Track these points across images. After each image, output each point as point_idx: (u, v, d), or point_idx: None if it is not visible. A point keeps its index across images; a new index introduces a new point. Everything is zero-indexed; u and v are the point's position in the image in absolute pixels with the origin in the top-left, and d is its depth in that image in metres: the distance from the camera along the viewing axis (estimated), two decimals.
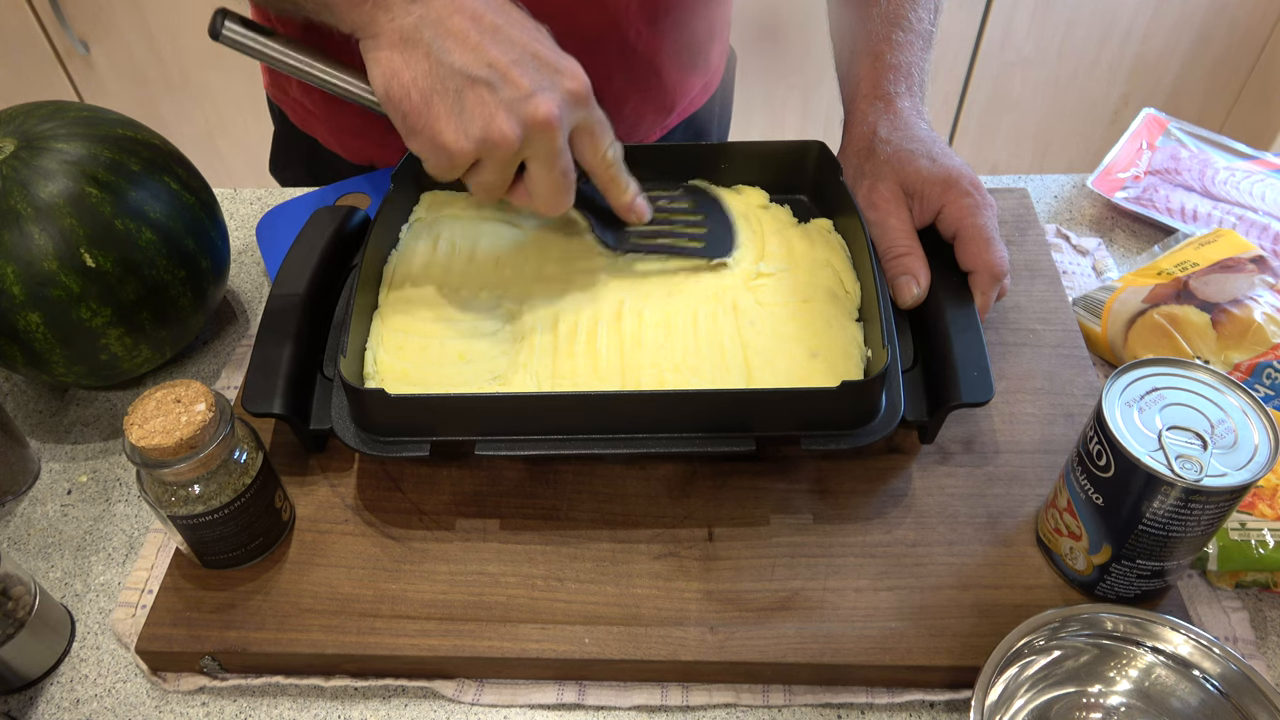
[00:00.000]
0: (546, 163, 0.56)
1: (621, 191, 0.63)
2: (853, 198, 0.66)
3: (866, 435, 0.57)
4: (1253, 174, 0.84)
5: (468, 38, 0.54)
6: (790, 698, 0.55)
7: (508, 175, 0.57)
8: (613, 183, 0.62)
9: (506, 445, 0.57)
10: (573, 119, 0.57)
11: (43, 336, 0.64)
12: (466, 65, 0.53)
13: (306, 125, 0.89)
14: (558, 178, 0.57)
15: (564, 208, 0.60)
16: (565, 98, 0.55)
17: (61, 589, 0.62)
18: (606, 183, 0.62)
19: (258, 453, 0.57)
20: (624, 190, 0.63)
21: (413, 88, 0.54)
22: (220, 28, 0.57)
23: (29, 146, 0.64)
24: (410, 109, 0.54)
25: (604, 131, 0.59)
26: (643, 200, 0.65)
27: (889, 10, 0.73)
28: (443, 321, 0.64)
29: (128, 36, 1.72)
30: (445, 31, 0.54)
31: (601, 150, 0.60)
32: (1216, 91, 1.82)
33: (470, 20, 0.54)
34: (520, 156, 0.56)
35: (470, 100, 0.54)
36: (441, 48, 0.53)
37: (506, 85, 0.54)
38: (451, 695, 0.56)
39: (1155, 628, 0.51)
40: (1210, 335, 0.65)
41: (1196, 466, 0.48)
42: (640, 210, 0.65)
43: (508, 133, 0.54)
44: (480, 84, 0.53)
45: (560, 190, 0.58)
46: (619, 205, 0.64)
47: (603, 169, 0.61)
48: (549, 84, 0.55)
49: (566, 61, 0.57)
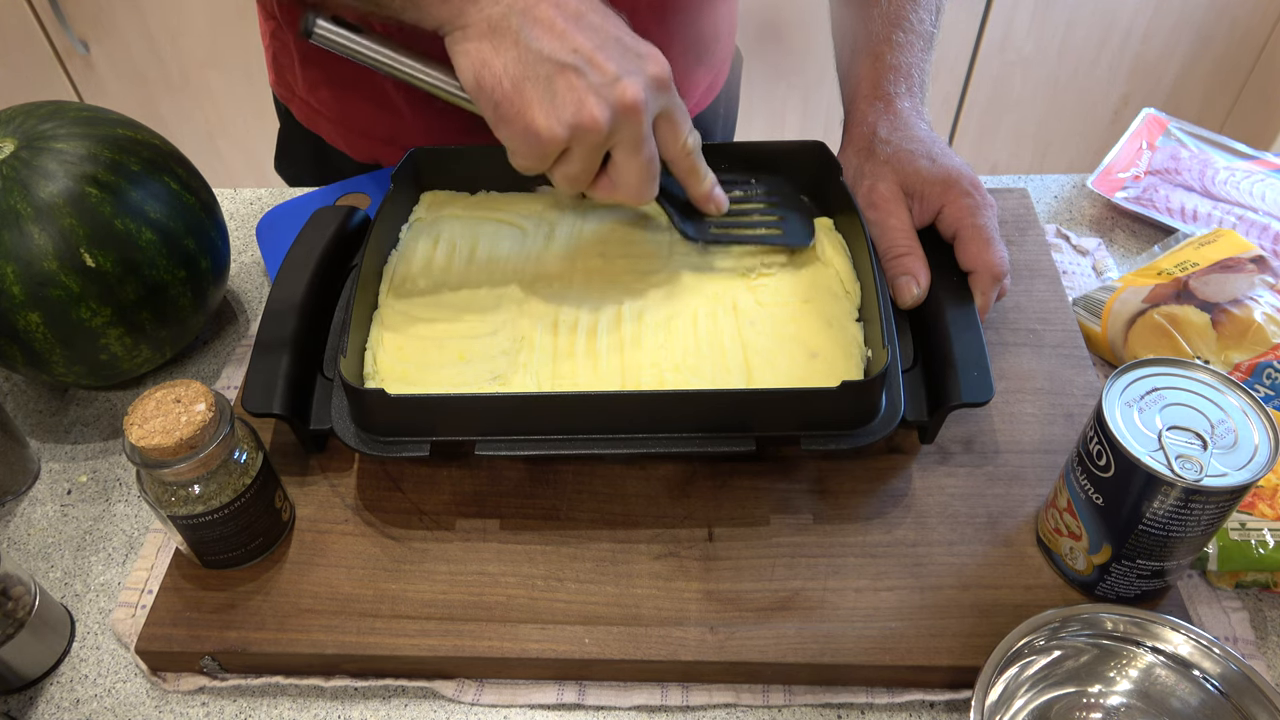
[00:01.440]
0: (633, 148, 0.56)
1: (700, 181, 0.63)
2: (853, 198, 0.66)
3: (866, 435, 0.57)
4: (1253, 174, 0.84)
5: (554, 24, 0.54)
6: (790, 698, 0.55)
7: (594, 164, 0.57)
8: (692, 172, 0.62)
9: (506, 445, 0.57)
10: (656, 104, 0.57)
11: (43, 336, 0.64)
12: (554, 51, 0.54)
13: (312, 123, 0.90)
14: (644, 163, 0.57)
15: (649, 196, 0.59)
16: (650, 82, 0.56)
17: (61, 589, 0.62)
18: (686, 172, 0.62)
19: (258, 453, 0.57)
20: (703, 180, 0.63)
21: (504, 75, 0.54)
22: (312, 25, 0.58)
23: (29, 146, 0.64)
24: (502, 97, 0.54)
25: (684, 119, 0.59)
26: (720, 191, 0.65)
27: (890, 11, 0.73)
28: (443, 321, 0.64)
29: (128, 36, 1.72)
30: (532, 19, 0.54)
31: (682, 138, 0.60)
32: (1216, 91, 1.82)
33: (555, 7, 0.55)
34: (608, 144, 0.56)
35: (560, 85, 0.54)
36: (530, 35, 0.54)
37: (594, 70, 0.54)
38: (451, 695, 0.56)
39: (1155, 628, 0.51)
40: (1210, 335, 0.65)
41: (1196, 466, 0.48)
42: (719, 200, 0.65)
43: (599, 116, 0.54)
44: (569, 69, 0.54)
45: (646, 177, 0.58)
46: (698, 195, 0.64)
47: (682, 157, 0.61)
48: (634, 68, 0.55)
49: (647, 47, 0.57)
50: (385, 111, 0.84)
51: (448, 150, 0.73)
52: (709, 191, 0.64)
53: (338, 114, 0.87)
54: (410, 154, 0.71)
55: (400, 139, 0.85)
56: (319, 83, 0.86)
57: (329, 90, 0.85)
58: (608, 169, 0.58)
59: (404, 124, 0.84)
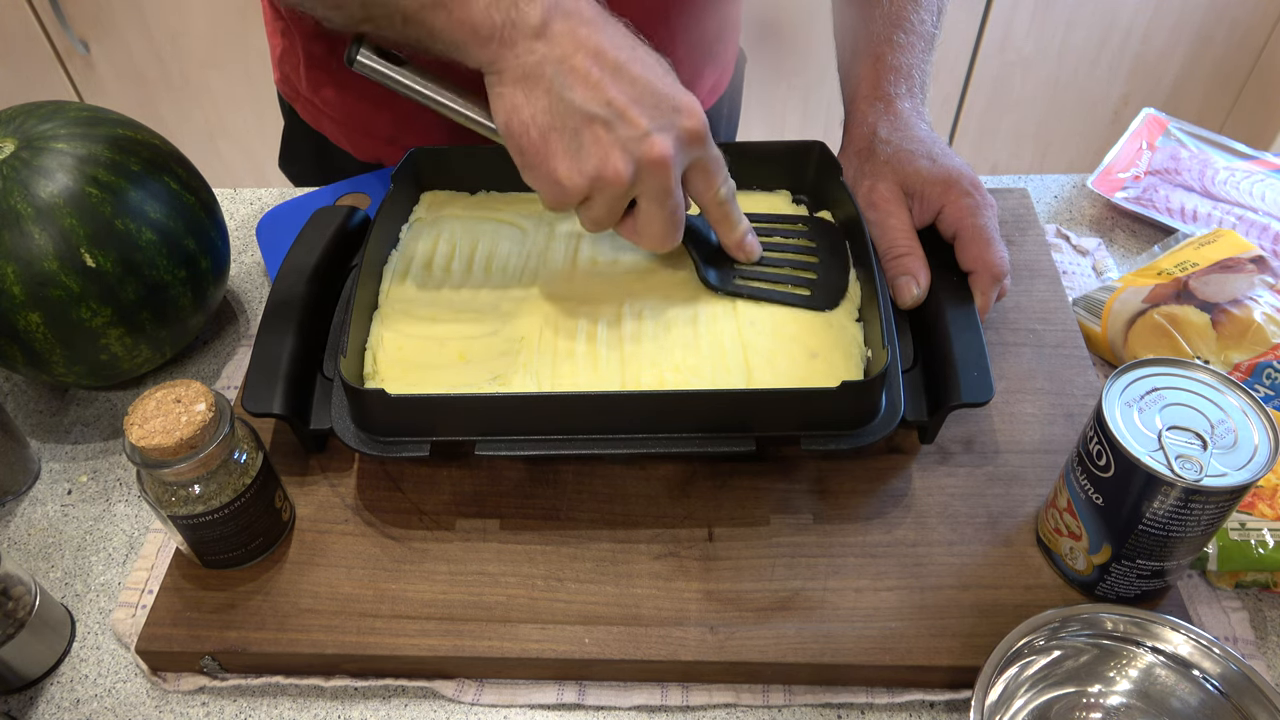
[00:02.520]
0: (657, 200, 0.57)
1: (732, 229, 0.63)
2: (853, 198, 0.66)
3: (866, 435, 0.57)
4: (1253, 174, 0.84)
5: (589, 75, 0.54)
6: (790, 698, 0.55)
7: (618, 211, 0.57)
8: (724, 220, 0.62)
9: (506, 445, 0.57)
10: (687, 158, 0.57)
11: (43, 336, 0.64)
12: (585, 103, 0.54)
13: (315, 122, 0.90)
14: (667, 215, 0.57)
15: (672, 245, 0.60)
16: (681, 135, 0.55)
17: (61, 589, 0.62)
18: (718, 219, 0.62)
19: (258, 453, 0.57)
20: (734, 227, 0.63)
21: (532, 124, 0.54)
22: (355, 55, 0.58)
23: (29, 146, 0.64)
24: (528, 144, 0.55)
25: (718, 169, 0.59)
26: (753, 238, 0.64)
27: (891, 12, 0.73)
28: (442, 321, 0.64)
29: (128, 36, 1.72)
30: (568, 69, 0.54)
31: (715, 188, 0.60)
32: (1216, 91, 1.82)
33: (592, 58, 0.54)
34: (632, 194, 0.56)
35: (587, 138, 0.54)
36: (563, 84, 0.54)
37: (623, 124, 0.54)
38: (451, 695, 0.56)
39: (1155, 628, 0.51)
40: (1210, 335, 0.65)
41: (1196, 466, 0.48)
42: (750, 249, 0.64)
43: (621, 170, 0.54)
44: (598, 122, 0.54)
45: (669, 228, 0.58)
46: (729, 242, 0.64)
47: (715, 206, 0.61)
48: (666, 123, 0.55)
49: (686, 98, 0.56)
50: (388, 112, 0.84)
51: (448, 150, 0.73)
52: (741, 239, 0.64)
53: (341, 114, 0.87)
54: (410, 154, 0.71)
55: (403, 139, 0.86)
56: (323, 83, 0.86)
57: (333, 90, 0.86)
58: (633, 214, 0.59)
59: (407, 125, 0.85)
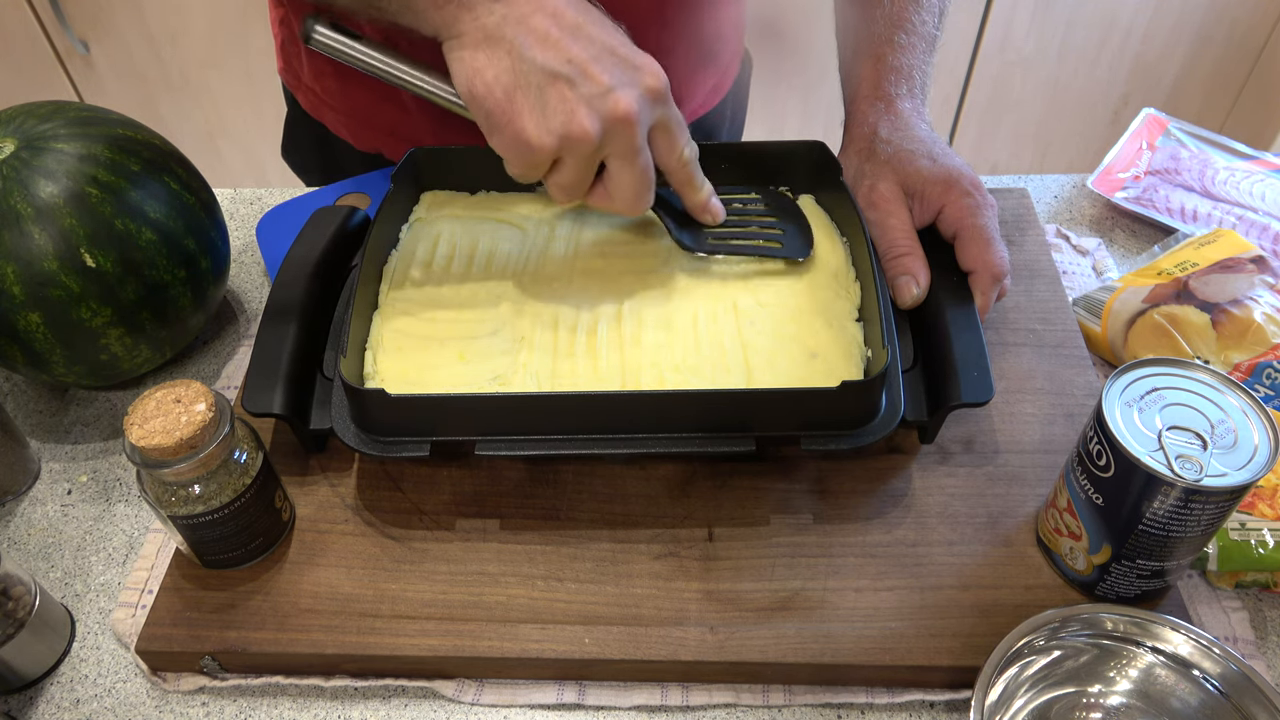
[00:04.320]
0: (627, 159, 0.57)
1: (696, 191, 0.63)
2: (853, 198, 0.66)
3: (867, 435, 0.57)
4: (1253, 174, 0.84)
5: (549, 35, 0.54)
6: (790, 698, 0.55)
7: (588, 175, 0.58)
8: (688, 182, 0.63)
9: (507, 445, 0.57)
10: (651, 116, 0.57)
11: (43, 336, 0.64)
12: (548, 62, 0.54)
13: (317, 112, 0.90)
14: (638, 174, 0.58)
15: (644, 207, 0.60)
16: (644, 94, 0.56)
17: (61, 589, 0.62)
18: (682, 182, 0.63)
19: (258, 453, 0.57)
20: (699, 189, 0.63)
21: (496, 85, 0.54)
22: (311, 31, 0.58)
23: (29, 146, 0.64)
24: (494, 106, 0.55)
25: (680, 130, 0.60)
26: (717, 200, 0.65)
27: (892, 12, 0.73)
28: (442, 321, 0.64)
29: (128, 36, 1.72)
30: (527, 30, 0.54)
31: (679, 149, 0.60)
32: (1216, 91, 1.82)
33: (551, 18, 0.55)
34: (600, 154, 0.56)
35: (552, 96, 0.54)
36: (524, 44, 0.54)
37: (587, 81, 0.54)
38: (451, 695, 0.56)
39: (1155, 628, 0.51)
40: (1210, 335, 0.65)
41: (1196, 466, 0.48)
42: (715, 210, 0.65)
43: (588, 128, 0.54)
44: (561, 80, 0.54)
45: (641, 188, 0.58)
46: (694, 204, 0.64)
47: (679, 168, 0.61)
48: (628, 80, 0.55)
49: (644, 59, 0.57)
50: (388, 103, 0.84)
51: (448, 150, 0.73)
52: (705, 201, 0.64)
53: (342, 104, 0.87)
54: (410, 154, 0.71)
55: (402, 131, 0.86)
56: (324, 72, 0.86)
57: (334, 80, 0.86)
58: (602, 179, 0.59)
59: (407, 116, 0.85)
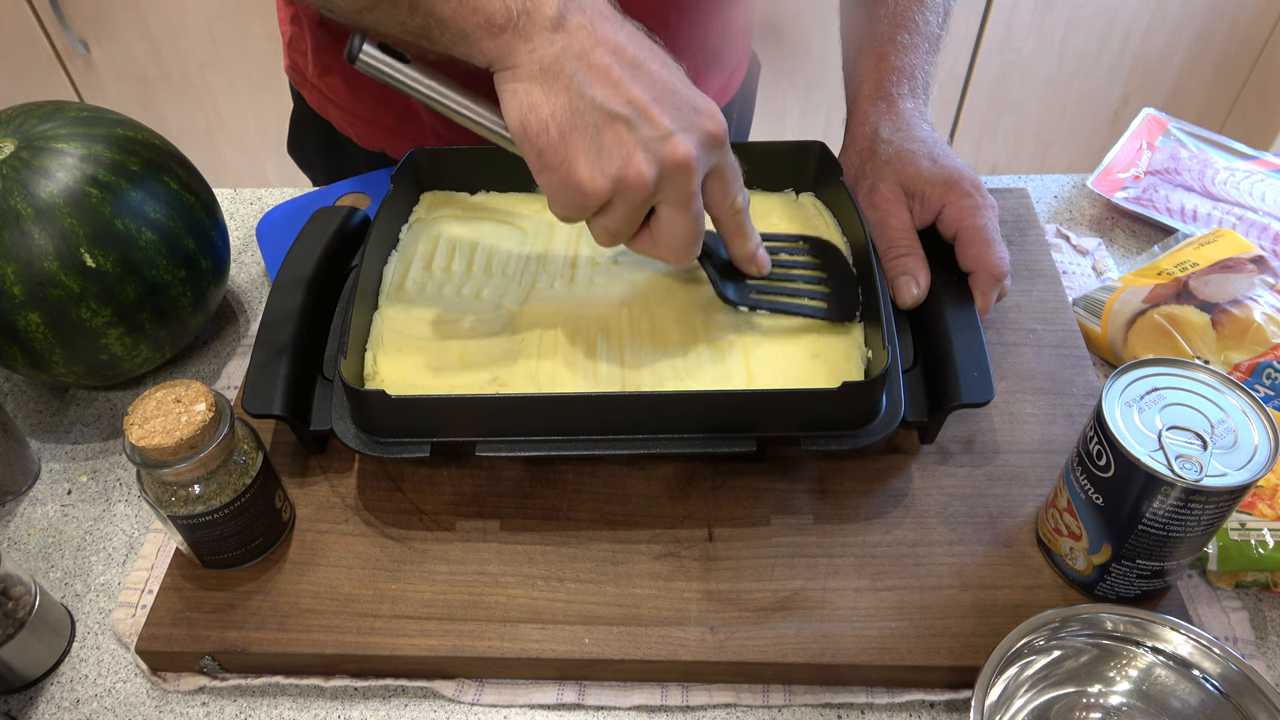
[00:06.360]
0: (680, 206, 0.54)
1: (745, 241, 0.60)
2: (853, 198, 0.66)
3: (867, 436, 0.57)
4: (1253, 174, 0.84)
5: (610, 73, 0.51)
6: (790, 698, 0.55)
7: (637, 220, 0.55)
8: (738, 231, 0.60)
9: (507, 446, 0.57)
10: (708, 162, 0.54)
11: (43, 336, 0.64)
12: (607, 101, 0.51)
13: (322, 109, 0.90)
14: (689, 223, 0.54)
15: (692, 256, 0.56)
16: (703, 139, 0.53)
17: (61, 589, 0.62)
18: (732, 232, 0.59)
19: (258, 453, 0.57)
20: (748, 240, 0.60)
21: (551, 122, 0.51)
22: (357, 51, 0.55)
23: (29, 146, 0.64)
24: (547, 144, 0.51)
25: (735, 177, 0.57)
26: (764, 252, 0.62)
27: (896, 12, 0.73)
28: (443, 322, 0.64)
29: (128, 36, 1.72)
30: (588, 65, 0.51)
31: (731, 197, 0.57)
32: (1216, 91, 1.82)
33: (613, 54, 0.52)
34: (653, 200, 0.54)
35: (608, 138, 0.51)
36: (583, 81, 0.51)
37: (646, 124, 0.51)
38: (451, 695, 0.56)
39: (1155, 628, 0.51)
40: (1210, 335, 0.65)
41: (1196, 466, 0.48)
42: (762, 262, 0.62)
43: (645, 173, 0.51)
44: (619, 121, 0.51)
45: (690, 237, 0.55)
46: (741, 255, 0.61)
47: (730, 217, 0.58)
48: (688, 124, 0.52)
49: (705, 101, 0.54)
50: (393, 102, 0.84)
51: (448, 151, 0.72)
52: (753, 253, 0.61)
53: (347, 101, 0.88)
54: (410, 154, 0.71)
55: (406, 130, 0.86)
56: (330, 69, 0.86)
57: (340, 78, 0.86)
58: (650, 224, 0.56)
59: (410, 115, 0.85)
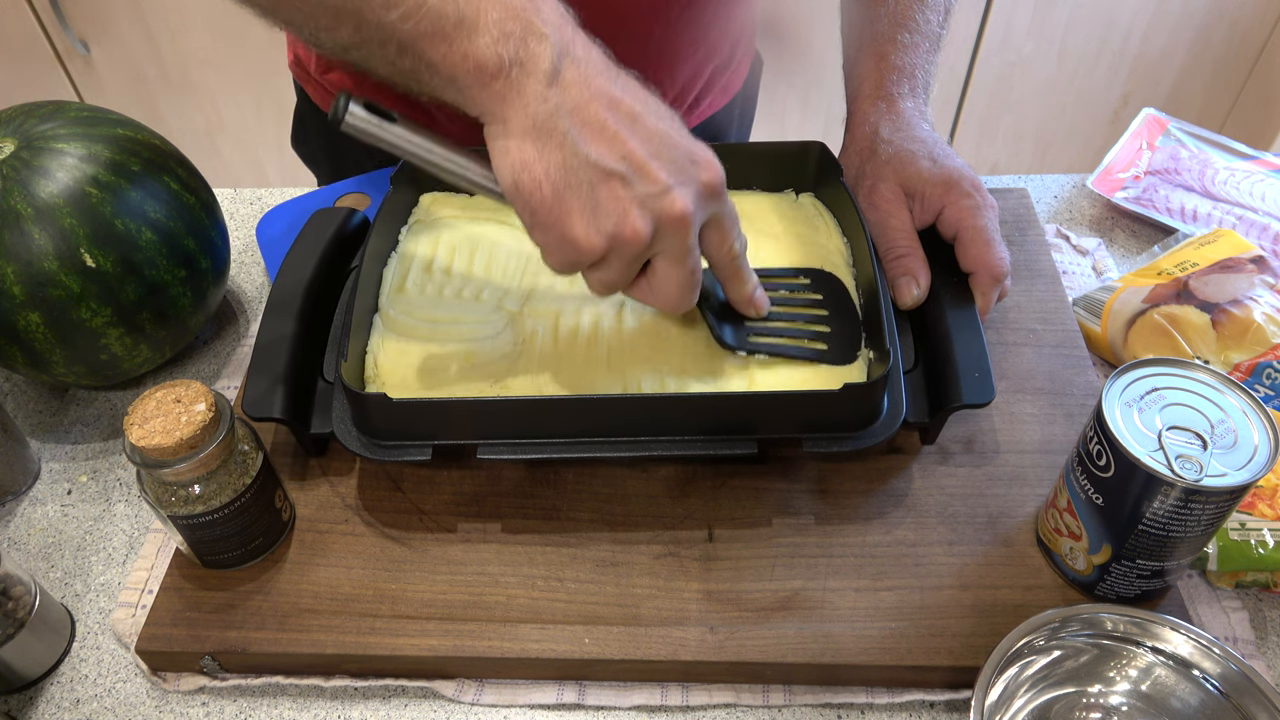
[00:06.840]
0: (676, 260, 0.53)
1: (743, 284, 0.60)
2: (853, 198, 0.66)
3: (868, 437, 0.57)
4: (1253, 174, 0.84)
5: (605, 128, 0.50)
6: (790, 698, 0.55)
7: (632, 272, 0.54)
8: (735, 275, 0.59)
9: (509, 449, 0.57)
10: (705, 213, 0.53)
11: (43, 336, 0.64)
12: (602, 158, 0.50)
13: (324, 105, 0.90)
14: (685, 275, 0.54)
15: (688, 306, 0.56)
16: (700, 191, 0.52)
17: (61, 589, 0.62)
18: (729, 275, 0.59)
19: (258, 453, 0.57)
20: (745, 283, 0.60)
21: (545, 181, 0.50)
22: (343, 114, 0.54)
23: (29, 146, 0.64)
24: (539, 203, 0.50)
25: (733, 224, 0.56)
26: (762, 293, 0.62)
27: (897, 11, 0.73)
28: (443, 324, 0.64)
29: (128, 36, 1.72)
30: (582, 121, 0.50)
31: (728, 243, 0.56)
32: (1216, 91, 1.82)
33: (609, 108, 0.50)
34: (649, 253, 0.53)
35: (604, 195, 0.50)
36: (578, 138, 0.50)
37: (641, 179, 0.50)
38: (451, 695, 0.56)
39: (1155, 628, 0.51)
40: (1210, 335, 0.65)
41: (1196, 466, 0.48)
42: (760, 303, 0.62)
43: (640, 229, 0.50)
44: (614, 178, 0.50)
45: (686, 288, 0.54)
46: (739, 298, 0.61)
47: (728, 262, 0.58)
48: (685, 177, 0.52)
49: (702, 151, 0.54)
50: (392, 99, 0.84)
51: None
52: (750, 295, 0.61)
53: None
54: None
55: None
56: (332, 66, 0.86)
57: (341, 74, 0.86)
58: (647, 275, 0.55)
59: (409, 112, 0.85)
